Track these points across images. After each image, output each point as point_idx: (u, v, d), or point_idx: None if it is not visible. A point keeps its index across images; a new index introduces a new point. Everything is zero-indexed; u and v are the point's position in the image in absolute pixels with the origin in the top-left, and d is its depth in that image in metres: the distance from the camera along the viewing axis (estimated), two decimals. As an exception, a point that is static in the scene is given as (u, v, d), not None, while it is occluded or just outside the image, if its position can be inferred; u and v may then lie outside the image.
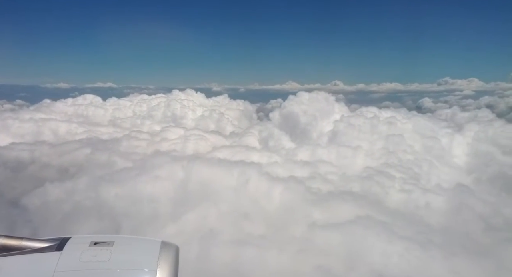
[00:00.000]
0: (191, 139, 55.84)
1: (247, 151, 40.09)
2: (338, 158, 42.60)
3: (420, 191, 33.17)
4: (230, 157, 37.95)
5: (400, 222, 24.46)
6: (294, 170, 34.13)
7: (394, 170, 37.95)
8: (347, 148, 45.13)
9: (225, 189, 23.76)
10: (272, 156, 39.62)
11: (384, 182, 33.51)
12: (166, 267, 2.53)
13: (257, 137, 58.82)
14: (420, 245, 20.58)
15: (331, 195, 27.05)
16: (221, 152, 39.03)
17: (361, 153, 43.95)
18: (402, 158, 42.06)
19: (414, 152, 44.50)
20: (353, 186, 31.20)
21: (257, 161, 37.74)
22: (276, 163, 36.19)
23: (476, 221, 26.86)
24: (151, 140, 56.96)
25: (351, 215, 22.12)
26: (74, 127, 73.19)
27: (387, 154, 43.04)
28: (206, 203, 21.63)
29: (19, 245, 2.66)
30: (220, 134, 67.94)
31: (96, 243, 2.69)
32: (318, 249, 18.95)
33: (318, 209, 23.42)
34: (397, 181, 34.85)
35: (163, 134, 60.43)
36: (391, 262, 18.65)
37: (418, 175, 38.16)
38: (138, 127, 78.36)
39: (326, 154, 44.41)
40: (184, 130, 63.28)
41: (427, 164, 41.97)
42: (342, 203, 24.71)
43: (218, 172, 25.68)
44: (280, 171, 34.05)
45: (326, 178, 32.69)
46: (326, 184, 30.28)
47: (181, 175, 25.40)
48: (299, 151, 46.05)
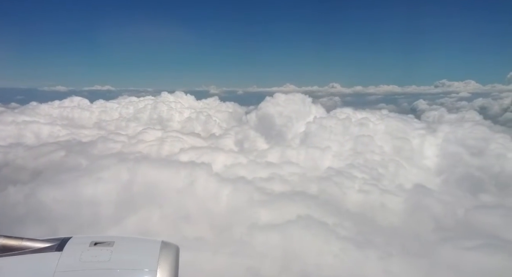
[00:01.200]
0: (167, 141, 55.99)
1: (214, 153, 40.39)
2: (305, 159, 42.95)
3: (378, 192, 33.49)
4: (195, 158, 38.25)
5: (347, 222, 24.75)
6: (256, 171, 34.43)
7: (358, 171, 38.28)
8: (315, 149, 45.49)
9: (169, 191, 23.99)
10: (238, 157, 39.96)
11: (343, 183, 33.83)
12: (166, 267, 2.54)
13: (233, 139, 59.20)
14: (357, 245, 20.87)
15: (282, 196, 27.33)
16: (187, 153, 39.31)
17: (329, 154, 44.31)
18: (369, 159, 42.41)
19: (382, 153, 44.90)
20: (310, 187, 31.48)
21: (223, 162, 38.14)
22: (239, 165, 36.50)
23: (426, 222, 27.15)
24: (127, 142, 57.14)
25: (292, 215, 22.37)
26: (57, 130, 73.17)
27: (354, 155, 43.41)
28: (148, 206, 21.85)
29: (19, 245, 2.66)
30: (200, 136, 68.19)
31: (97, 243, 2.69)
32: (252, 250, 19.21)
33: (262, 210, 23.67)
34: (358, 182, 35.18)
35: (140, 136, 60.63)
36: (322, 263, 18.94)
37: (381, 176, 38.51)
38: (123, 129, 78.49)
39: (295, 156, 44.77)
40: (162, 132, 63.49)
41: (393, 165, 42.34)
42: (289, 204, 24.98)
43: (167, 174, 25.88)
44: (242, 172, 34.38)
45: (286, 179, 32.99)
46: (282, 185, 30.58)
47: (129, 177, 25.56)
48: (269, 152, 46.39)
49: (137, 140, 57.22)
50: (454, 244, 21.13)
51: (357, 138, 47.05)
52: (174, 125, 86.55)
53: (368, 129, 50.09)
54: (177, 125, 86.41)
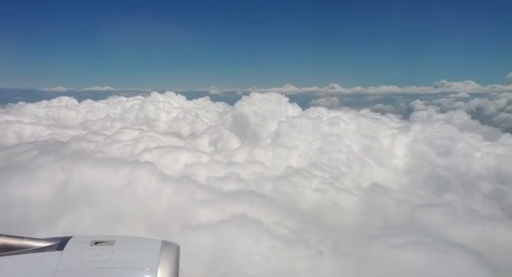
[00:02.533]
0: (142, 141, 55.93)
1: (177, 152, 40.61)
2: (271, 159, 43.02)
3: (334, 191, 33.57)
4: (157, 158, 38.48)
5: (289, 221, 24.81)
6: (214, 171, 34.58)
7: (319, 170, 38.35)
8: (283, 149, 45.61)
9: (104, 191, 23.98)
10: (201, 157, 40.12)
11: (299, 182, 33.90)
12: (167, 266, 2.53)
13: (209, 139, 59.36)
14: (289, 244, 20.93)
15: (228, 195, 27.38)
16: (151, 153, 39.50)
17: (295, 153, 44.40)
18: (334, 158, 42.46)
19: (349, 152, 44.92)
20: (263, 186, 31.59)
21: (185, 161, 38.28)
22: (199, 164, 36.66)
23: (371, 221, 27.25)
24: (102, 142, 57.25)
25: (227, 215, 22.39)
26: (39, 130, 73.32)
27: (319, 154, 43.47)
28: (79, 206, 21.86)
29: (20, 244, 2.66)
30: (179, 136, 68.32)
31: (97, 242, 2.69)
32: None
33: (200, 209, 23.65)
34: (316, 181, 35.23)
35: (116, 136, 60.71)
36: (247, 262, 18.97)
37: (343, 175, 38.55)
38: (107, 129, 78.56)
39: (262, 155, 44.87)
40: (139, 132, 63.52)
41: (358, 164, 42.39)
42: (231, 204, 24.99)
43: (105, 173, 25.88)
44: (200, 171, 34.58)
45: (242, 178, 33.09)
46: (235, 184, 30.67)
47: (64, 177, 25.60)
48: (237, 152, 46.55)
49: (112, 140, 57.33)
50: (385, 242, 21.21)
51: (326, 138, 47.12)
52: (160, 125, 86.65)
53: (338, 128, 50.14)
54: (164, 125, 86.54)
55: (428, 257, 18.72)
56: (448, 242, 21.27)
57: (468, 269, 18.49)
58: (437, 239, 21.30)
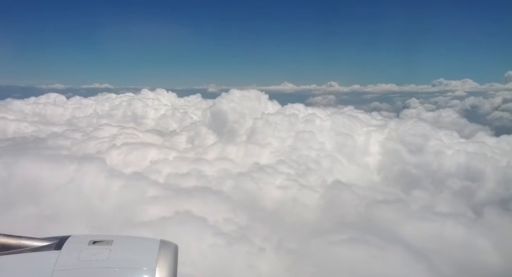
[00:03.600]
0: (120, 138, 55.82)
1: (145, 149, 40.56)
2: (242, 156, 43.01)
3: (297, 188, 33.56)
4: (124, 155, 38.46)
5: (240, 218, 24.78)
6: (178, 167, 34.59)
7: (286, 167, 38.30)
8: (255, 146, 45.59)
9: (47, 188, 23.75)
10: (169, 153, 40.10)
11: (262, 179, 33.89)
12: (165, 265, 2.52)
13: (188, 136, 59.37)
14: (232, 241, 20.88)
15: (182, 192, 27.31)
16: (118, 149, 39.46)
17: (267, 150, 44.36)
18: (304, 155, 42.40)
19: (321, 149, 44.86)
20: (223, 183, 31.58)
21: (150, 158, 38.26)
22: (164, 161, 36.66)
23: (326, 218, 27.27)
24: (79, 139, 57.15)
25: (171, 212, 22.27)
26: (23, 126, 73.27)
27: (290, 151, 43.44)
28: (18, 204, 21.66)
29: (18, 244, 2.65)
30: (160, 133, 68.20)
31: (95, 242, 2.68)
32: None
33: (146, 207, 23.49)
34: (280, 178, 35.22)
35: (94, 133, 60.62)
36: (183, 259, 18.75)
37: (310, 172, 38.46)
38: (93, 126, 78.40)
39: (235, 152, 44.86)
40: (118, 128, 63.41)
41: (329, 161, 42.33)
42: (180, 200, 24.89)
43: (50, 170, 25.61)
44: (164, 168, 34.57)
45: (204, 175, 33.08)
46: (194, 181, 30.66)
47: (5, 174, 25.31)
48: (211, 148, 46.55)
49: (89, 137, 57.26)
50: (326, 238, 21.21)
51: (299, 135, 47.06)
52: (148, 122, 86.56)
53: (313, 125, 50.04)
54: (151, 122, 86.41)
55: (362, 253, 18.74)
56: (389, 238, 21.33)
57: (400, 265, 18.53)
58: (378, 235, 21.33)
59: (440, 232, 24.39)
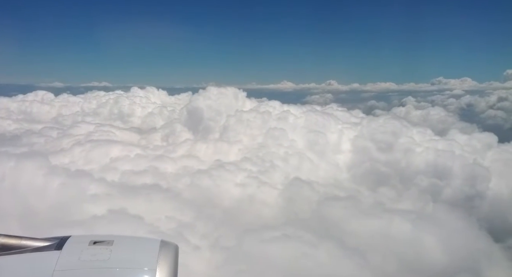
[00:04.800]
0: (95, 135, 55.68)
1: (110, 145, 40.46)
2: (210, 153, 42.77)
3: (256, 185, 33.32)
4: (87, 151, 38.28)
5: (184, 216, 24.51)
6: (137, 165, 34.41)
7: (250, 164, 38.08)
8: (224, 143, 45.41)
9: None
10: (132, 150, 39.94)
11: (222, 176, 33.66)
12: (165, 266, 2.52)
13: (163, 133, 59.25)
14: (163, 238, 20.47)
15: (129, 189, 26.99)
16: (82, 146, 39.33)
17: (235, 147, 44.15)
18: (271, 152, 42.13)
19: (290, 146, 44.58)
20: (180, 180, 31.38)
21: (112, 155, 38.08)
22: (126, 158, 36.49)
23: (275, 215, 27.06)
24: (54, 137, 56.99)
25: (104, 211, 21.86)
26: (6, 124, 73.25)
27: (258, 148, 43.22)
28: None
29: (19, 244, 2.64)
30: (138, 131, 68.07)
31: (96, 242, 2.67)
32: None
33: (82, 205, 23.01)
34: (241, 175, 34.98)
35: (70, 130, 60.51)
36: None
37: (274, 169, 38.16)
38: (78, 124, 78.23)
39: (204, 149, 44.67)
40: (95, 126, 63.29)
41: (296, 158, 42.05)
42: (121, 198, 24.53)
43: None
44: (123, 166, 34.36)
45: (161, 172, 32.90)
46: (148, 178, 30.45)
47: None
48: (181, 146, 46.34)
49: (64, 135, 57.10)
50: (262, 235, 20.96)
51: (270, 132, 46.81)
52: (134, 120, 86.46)
53: (286, 123, 49.78)
54: (137, 120, 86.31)
55: (290, 250, 18.52)
56: (327, 235, 21.14)
57: (325, 262, 18.34)
58: (317, 232, 21.15)
59: (384, 229, 24.20)
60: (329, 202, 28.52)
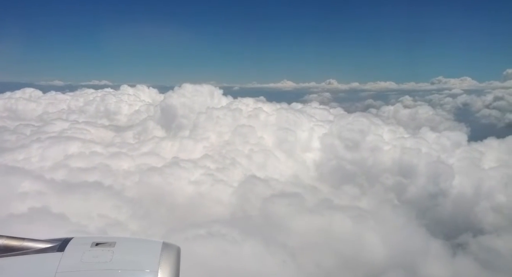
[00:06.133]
0: (68, 132, 55.32)
1: (69, 142, 40.21)
2: (174, 151, 42.29)
3: (210, 183, 32.87)
4: (41, 150, 37.97)
5: (121, 215, 24.02)
6: (90, 162, 34.04)
7: (210, 161, 37.61)
8: (190, 140, 44.97)
9: None
10: (92, 148, 39.57)
11: (176, 174, 33.22)
12: (167, 268, 2.53)
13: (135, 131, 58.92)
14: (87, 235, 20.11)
15: (67, 187, 26.41)
16: (40, 143, 39.09)
17: (201, 144, 43.68)
18: (236, 150, 41.65)
19: (257, 144, 44.02)
20: (128, 178, 30.96)
21: (67, 152, 37.75)
22: (81, 155, 36.18)
23: (218, 213, 26.64)
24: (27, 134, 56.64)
25: (25, 208, 21.35)
26: (-13, 121, 72.84)
27: (223, 146, 42.78)
28: None
29: (21, 245, 2.64)
30: (115, 128, 67.61)
31: (98, 244, 2.68)
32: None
33: (5, 202, 22.41)
34: (198, 173, 34.49)
35: (44, 127, 60.12)
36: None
37: (235, 166, 37.66)
38: (61, 121, 77.93)
39: (169, 147, 44.18)
40: (69, 123, 63.03)
41: (261, 156, 41.52)
42: (53, 196, 24.06)
43: None
44: (74, 163, 33.99)
45: (111, 169, 32.46)
46: (96, 176, 29.95)
47: None
48: (145, 144, 45.89)
49: (37, 132, 56.73)
50: (189, 233, 20.52)
51: (238, 129, 46.31)
52: (121, 118, 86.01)
53: (256, 120, 49.30)
54: (124, 118, 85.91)
55: (210, 248, 18.10)
56: (256, 233, 20.67)
57: (247, 259, 17.92)
58: (248, 229, 20.72)
59: (323, 226, 23.78)
60: (275, 199, 28.04)
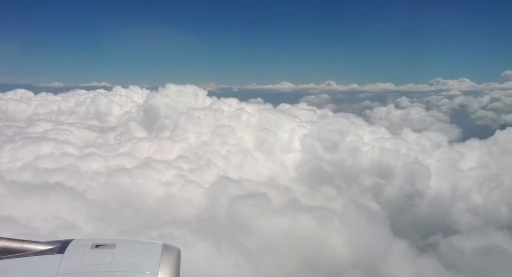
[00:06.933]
0: (50, 133, 54.90)
1: (41, 142, 39.93)
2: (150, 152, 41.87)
3: (181, 184, 32.43)
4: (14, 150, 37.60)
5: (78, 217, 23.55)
6: (59, 162, 33.68)
7: (185, 162, 37.18)
8: (168, 141, 44.58)
9: None
10: (65, 149, 39.23)
11: (146, 174, 32.79)
12: (167, 269, 2.51)
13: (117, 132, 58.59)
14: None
15: (26, 189, 26.04)
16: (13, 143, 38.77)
17: (179, 145, 43.24)
18: (213, 150, 41.20)
19: (236, 145, 43.53)
20: (95, 179, 30.56)
21: (39, 153, 37.39)
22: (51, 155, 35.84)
23: (181, 213, 26.21)
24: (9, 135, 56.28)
25: None
26: (-26, 122, 72.52)
27: (201, 146, 42.35)
28: None
29: (21, 247, 2.63)
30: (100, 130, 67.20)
31: (98, 245, 2.67)
32: None
33: None
34: (171, 173, 34.08)
35: (27, 128, 59.78)
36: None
37: (209, 167, 37.18)
38: (52, 122, 77.63)
39: (146, 147, 43.75)
40: (52, 124, 62.71)
41: (238, 157, 41.05)
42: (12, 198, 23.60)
43: None
44: (42, 164, 33.63)
45: (78, 170, 32.08)
46: (61, 177, 29.56)
47: None
48: (123, 145, 45.53)
49: (20, 133, 56.37)
50: (137, 236, 20.07)
51: (218, 130, 45.87)
52: (111, 119, 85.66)
53: (237, 121, 48.85)
54: (114, 119, 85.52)
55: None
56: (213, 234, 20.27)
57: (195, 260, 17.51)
58: (193, 232, 20.30)
59: (285, 227, 23.40)
60: (241, 200, 27.58)
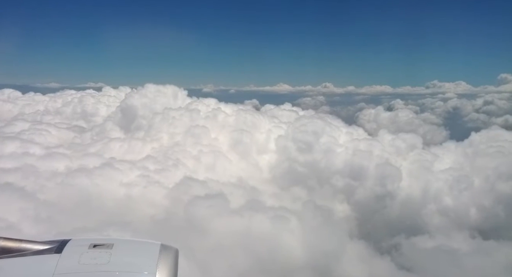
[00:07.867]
0: (26, 133, 54.22)
1: (8, 142, 39.27)
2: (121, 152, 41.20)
3: (143, 185, 31.75)
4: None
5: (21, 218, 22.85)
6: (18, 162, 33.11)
7: (151, 162, 36.47)
8: (138, 141, 43.93)
9: None
10: (31, 148, 38.60)
11: (108, 174, 32.11)
12: (165, 269, 2.52)
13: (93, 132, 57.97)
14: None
15: None
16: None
17: (150, 145, 42.57)
18: (183, 151, 40.53)
19: (209, 145, 42.81)
20: (52, 179, 29.88)
21: (4, 153, 36.81)
22: (13, 155, 35.23)
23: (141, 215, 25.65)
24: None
25: None
26: (-45, 123, 71.93)
27: (171, 147, 41.70)
28: None
29: (19, 247, 2.63)
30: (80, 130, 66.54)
31: (96, 245, 2.67)
32: None
33: None
34: (134, 174, 33.35)
35: (4, 128, 59.18)
36: None
37: (176, 168, 36.46)
38: (36, 122, 77.02)
39: (116, 148, 43.03)
40: (30, 124, 62.05)
41: (210, 157, 40.34)
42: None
43: None
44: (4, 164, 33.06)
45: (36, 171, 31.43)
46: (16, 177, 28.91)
47: None
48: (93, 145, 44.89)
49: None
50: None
51: (191, 130, 45.19)
52: (97, 119, 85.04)
53: (213, 121, 48.18)
54: (100, 120, 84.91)
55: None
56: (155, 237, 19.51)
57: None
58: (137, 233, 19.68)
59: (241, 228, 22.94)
60: (198, 201, 26.97)
